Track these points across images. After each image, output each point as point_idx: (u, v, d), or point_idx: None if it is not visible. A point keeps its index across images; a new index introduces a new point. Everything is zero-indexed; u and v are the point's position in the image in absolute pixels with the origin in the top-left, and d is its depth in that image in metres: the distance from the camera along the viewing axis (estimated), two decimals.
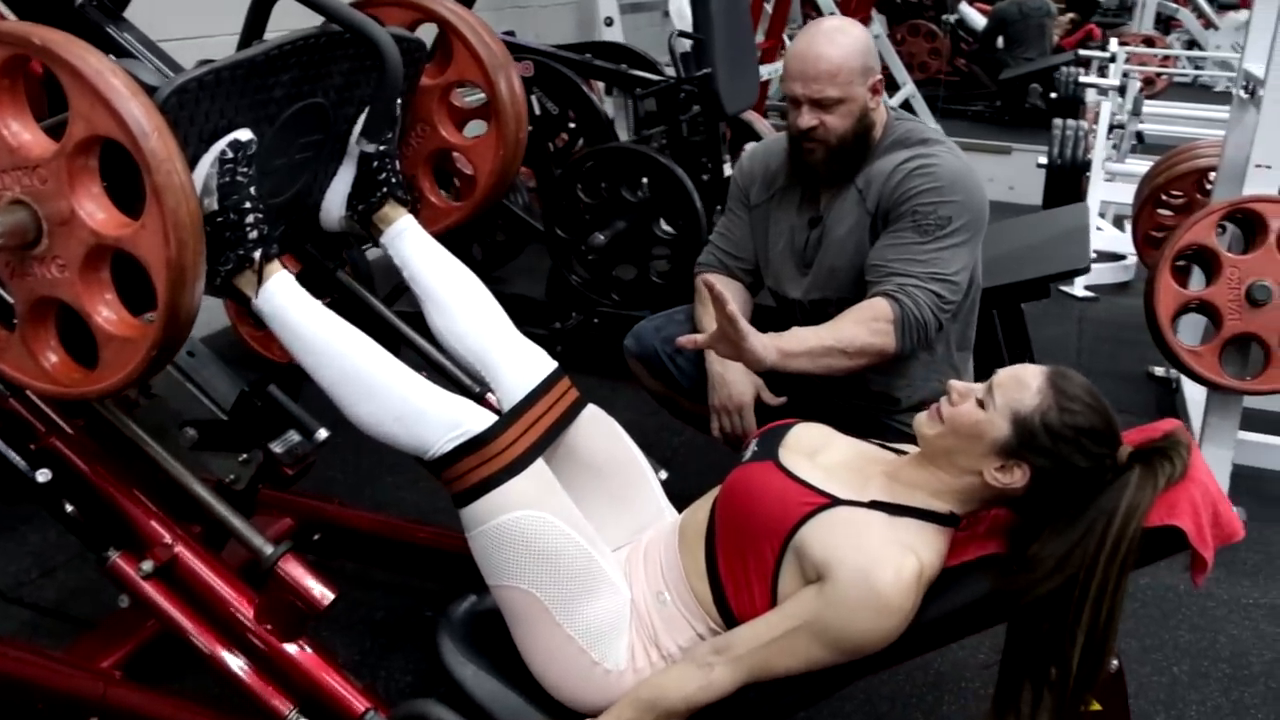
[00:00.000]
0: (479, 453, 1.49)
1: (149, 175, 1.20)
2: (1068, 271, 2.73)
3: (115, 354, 1.32)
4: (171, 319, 1.27)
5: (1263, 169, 2.63)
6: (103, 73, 1.19)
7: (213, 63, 1.43)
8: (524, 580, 1.48)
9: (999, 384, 1.42)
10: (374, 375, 1.52)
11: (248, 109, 1.51)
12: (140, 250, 1.25)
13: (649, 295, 3.10)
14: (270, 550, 1.51)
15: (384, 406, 1.51)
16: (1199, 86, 9.30)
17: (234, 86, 1.46)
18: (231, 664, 1.54)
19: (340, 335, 1.53)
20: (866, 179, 2.02)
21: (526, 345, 1.74)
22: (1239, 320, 2.52)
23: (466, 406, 1.54)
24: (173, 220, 1.21)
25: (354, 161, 1.76)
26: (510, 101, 1.84)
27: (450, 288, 1.74)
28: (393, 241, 1.77)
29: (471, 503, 1.50)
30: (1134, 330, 4.04)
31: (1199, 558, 1.35)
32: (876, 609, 1.36)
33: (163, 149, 1.20)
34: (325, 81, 1.65)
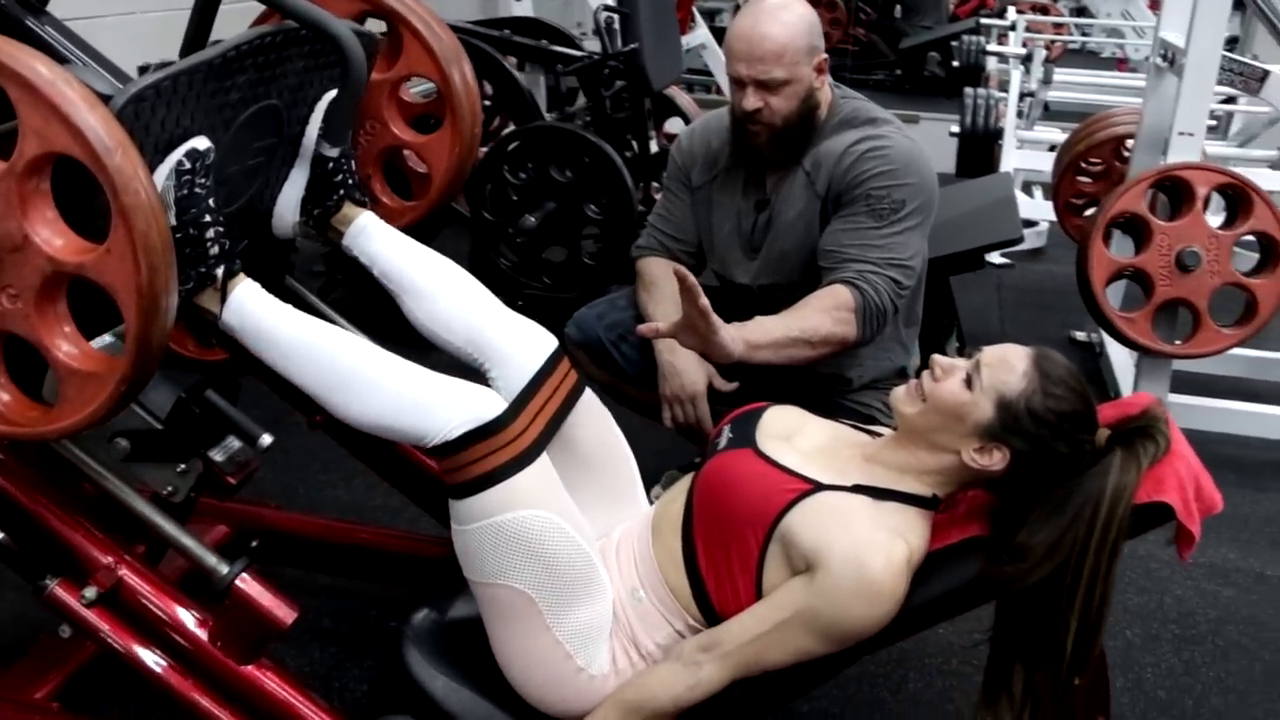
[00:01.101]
0: (488, 441, 1.39)
1: (115, 196, 1.09)
2: (1001, 242, 2.74)
3: (78, 390, 1.20)
4: (143, 350, 1.16)
5: (1186, 136, 2.68)
6: (56, 83, 1.08)
7: (168, 67, 1.32)
8: (520, 580, 1.40)
9: (987, 363, 1.39)
10: (365, 370, 1.42)
11: (203, 115, 1.40)
12: (105, 277, 1.14)
13: (580, 277, 3.04)
14: (226, 569, 1.42)
15: (380, 400, 1.41)
16: (1087, 52, 9.55)
17: (190, 92, 1.36)
18: (188, 691, 1.44)
19: (320, 335, 1.43)
20: (814, 161, 1.98)
21: (524, 322, 1.65)
22: (1169, 286, 2.58)
23: (473, 390, 1.44)
24: (143, 243, 1.11)
25: (307, 164, 1.66)
26: (465, 95, 1.76)
27: (428, 275, 1.65)
28: (356, 240, 1.67)
29: (473, 495, 1.39)
30: (1051, 295, 4.14)
31: (1185, 532, 1.35)
32: (869, 596, 1.34)
33: (128, 166, 1.09)
34: (280, 82, 1.55)
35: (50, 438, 1.27)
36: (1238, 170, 2.74)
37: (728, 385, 2.01)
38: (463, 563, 1.44)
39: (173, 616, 1.45)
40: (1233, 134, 5.00)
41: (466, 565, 1.44)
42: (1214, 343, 2.59)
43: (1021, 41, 5.87)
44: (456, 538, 1.43)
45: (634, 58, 3.02)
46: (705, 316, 1.62)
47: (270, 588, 1.45)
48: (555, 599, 1.41)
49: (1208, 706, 1.97)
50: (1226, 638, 2.17)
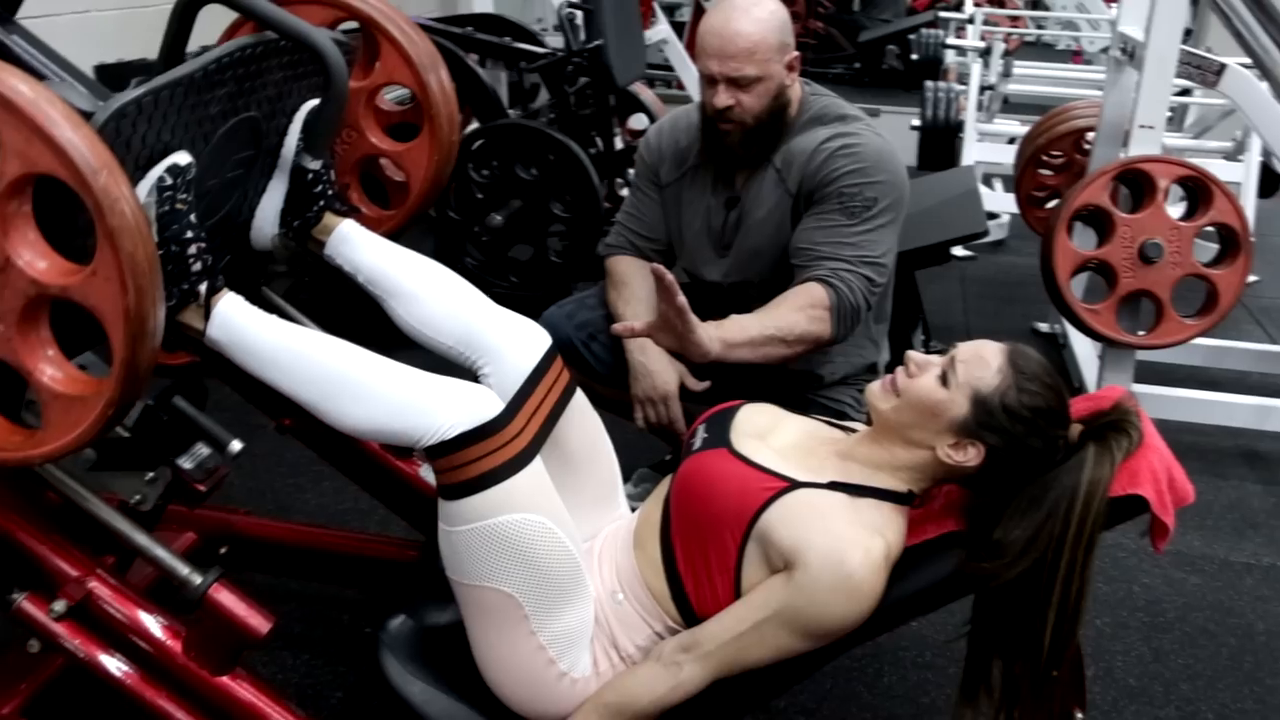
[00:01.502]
0: (485, 442, 1.36)
1: (101, 217, 1.06)
2: (967, 236, 2.76)
3: (63, 414, 1.17)
4: (130, 373, 1.13)
5: (1146, 129, 2.71)
6: (38, 102, 1.04)
7: (149, 81, 1.29)
8: (508, 584, 1.38)
9: (961, 360, 1.39)
10: (357, 375, 1.40)
11: (184, 129, 1.38)
12: (91, 299, 1.11)
13: (547, 275, 3.02)
14: (199, 579, 1.40)
15: (375, 404, 1.39)
16: (1042, 45, 9.64)
17: (171, 106, 1.33)
18: (161, 703, 1.42)
19: (309, 343, 1.41)
20: (785, 158, 1.98)
21: (517, 318, 1.63)
22: (1133, 278, 2.60)
23: (469, 389, 1.42)
24: (130, 265, 1.08)
25: (286, 175, 1.64)
26: (444, 102, 1.74)
27: (415, 277, 1.63)
28: (338, 249, 1.65)
29: (466, 497, 1.37)
30: (1013, 287, 4.18)
31: (1160, 524, 1.37)
32: (848, 593, 1.34)
33: (115, 187, 1.06)
34: (259, 94, 1.53)
35: (35, 463, 1.24)
36: (1195, 162, 2.78)
37: (700, 384, 2.00)
38: (448, 563, 1.42)
39: (144, 628, 1.42)
40: (1188, 125, 5.07)
41: (452, 566, 1.41)
42: (1177, 333, 2.63)
43: (980, 35, 5.91)
44: (444, 538, 1.41)
45: (599, 54, 3.01)
46: (682, 314, 1.62)
47: (244, 596, 1.43)
48: (541, 603, 1.40)
49: (1177, 693, 2.00)
50: (1194, 624, 2.20)
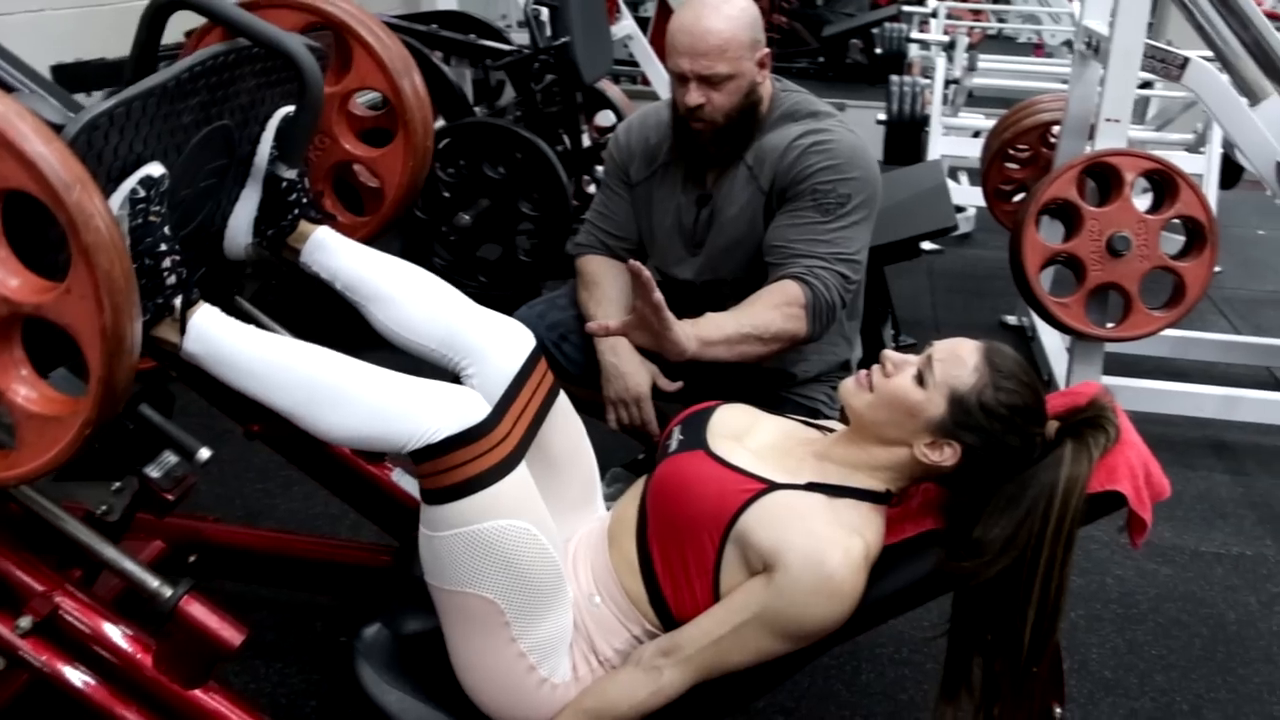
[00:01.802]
0: (471, 446, 1.34)
1: (76, 234, 1.03)
2: (937, 230, 2.76)
3: (38, 434, 1.14)
4: (108, 392, 1.10)
5: (1112, 123, 2.72)
6: (7, 115, 1.01)
7: (121, 92, 1.26)
8: (490, 590, 1.36)
9: (938, 359, 1.39)
10: (340, 382, 1.37)
11: (156, 139, 1.34)
12: (65, 318, 1.08)
13: (516, 275, 3.00)
14: (169, 592, 1.37)
15: (359, 411, 1.36)
16: (1003, 38, 9.71)
17: (144, 116, 1.30)
18: (133, 719, 1.39)
19: (289, 352, 1.38)
20: (756, 156, 1.97)
21: (500, 318, 1.61)
22: (1101, 271, 2.62)
23: (455, 391, 1.39)
24: (106, 283, 1.05)
25: (259, 183, 1.61)
26: (418, 107, 1.71)
27: (393, 280, 1.61)
28: (314, 256, 1.62)
29: (452, 501, 1.34)
30: (980, 280, 4.20)
31: (1138, 520, 1.37)
32: (829, 594, 1.33)
33: (89, 203, 1.03)
34: (231, 102, 1.50)
35: (7, 485, 1.20)
36: (1160, 154, 2.80)
37: (672, 385, 1.99)
38: (428, 568, 1.40)
39: (113, 644, 1.39)
40: (1150, 118, 5.11)
41: (433, 571, 1.39)
42: (1145, 325, 2.64)
43: (943, 29, 5.94)
44: (425, 542, 1.39)
45: (565, 51, 2.99)
46: (659, 312, 1.60)
47: (216, 608, 1.40)
48: (523, 610, 1.38)
49: (1152, 684, 2.01)
50: (1166, 615, 2.22)
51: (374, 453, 1.93)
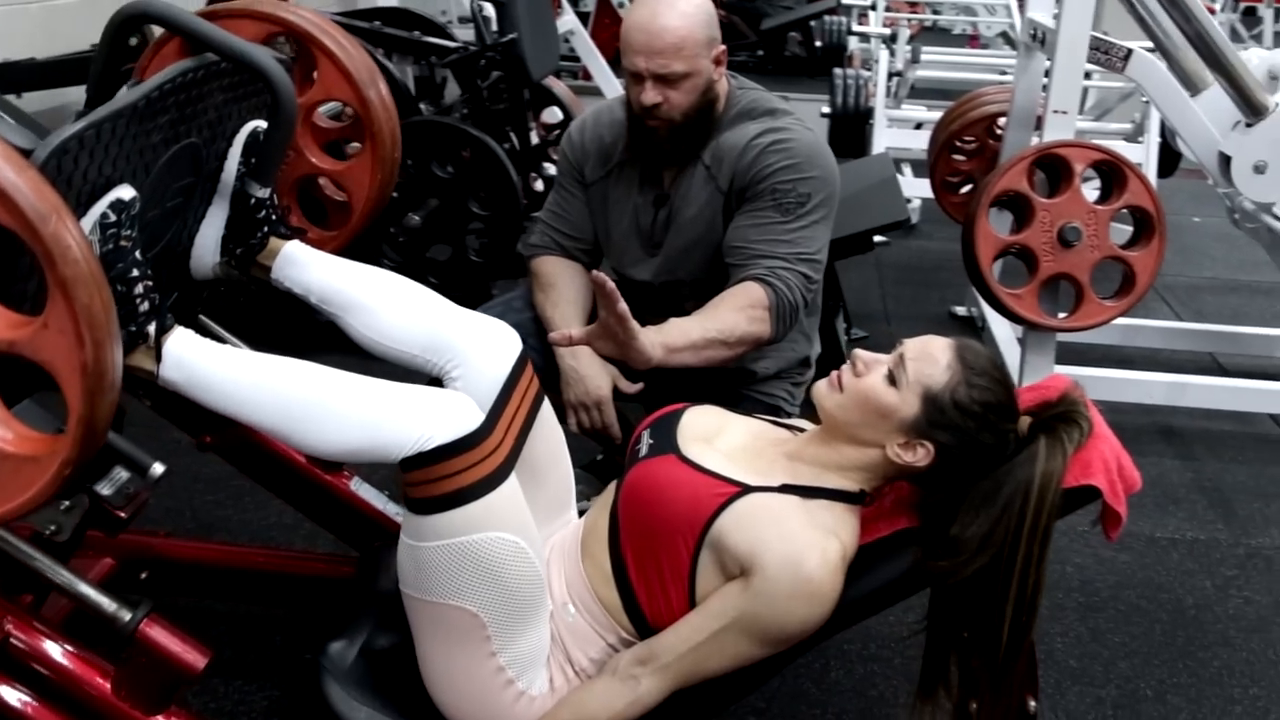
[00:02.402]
0: (464, 455, 1.30)
1: (53, 267, 0.98)
2: (889, 224, 2.77)
3: (13, 476, 1.08)
4: (89, 430, 1.04)
5: (1060, 114, 2.74)
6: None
7: (89, 115, 1.21)
8: (474, 603, 1.33)
9: (910, 358, 1.38)
10: (326, 397, 1.33)
11: (124, 160, 1.29)
12: (43, 354, 1.02)
13: (467, 275, 2.95)
14: (129, 615, 1.32)
15: (348, 425, 1.32)
16: (938, 30, 9.81)
17: (113, 138, 1.25)
18: None
19: (270, 371, 1.34)
20: (714, 155, 1.95)
21: (485, 319, 1.57)
22: (1053, 261, 2.63)
23: (446, 397, 1.35)
24: (86, 317, 0.99)
25: (226, 201, 1.55)
26: (385, 118, 1.67)
27: (369, 289, 1.57)
28: (286, 272, 1.58)
29: (442, 512, 1.30)
30: (928, 272, 4.24)
31: (1113, 513, 1.38)
32: (807, 597, 1.32)
33: (66, 234, 0.98)
34: (199, 119, 1.45)
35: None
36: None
37: (633, 387, 1.96)
38: (407, 578, 1.36)
39: (69, 671, 1.34)
40: (1089, 108, 5.18)
41: (413, 582, 1.36)
42: (1097, 315, 2.67)
43: (883, 21, 5.98)
44: (407, 552, 1.35)
45: (513, 47, 2.94)
46: (624, 322, 1.58)
47: (177, 631, 1.36)
48: (505, 624, 1.35)
49: (1116, 671, 2.03)
50: (1126, 602, 2.24)
51: (332, 462, 1.89)
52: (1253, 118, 2.74)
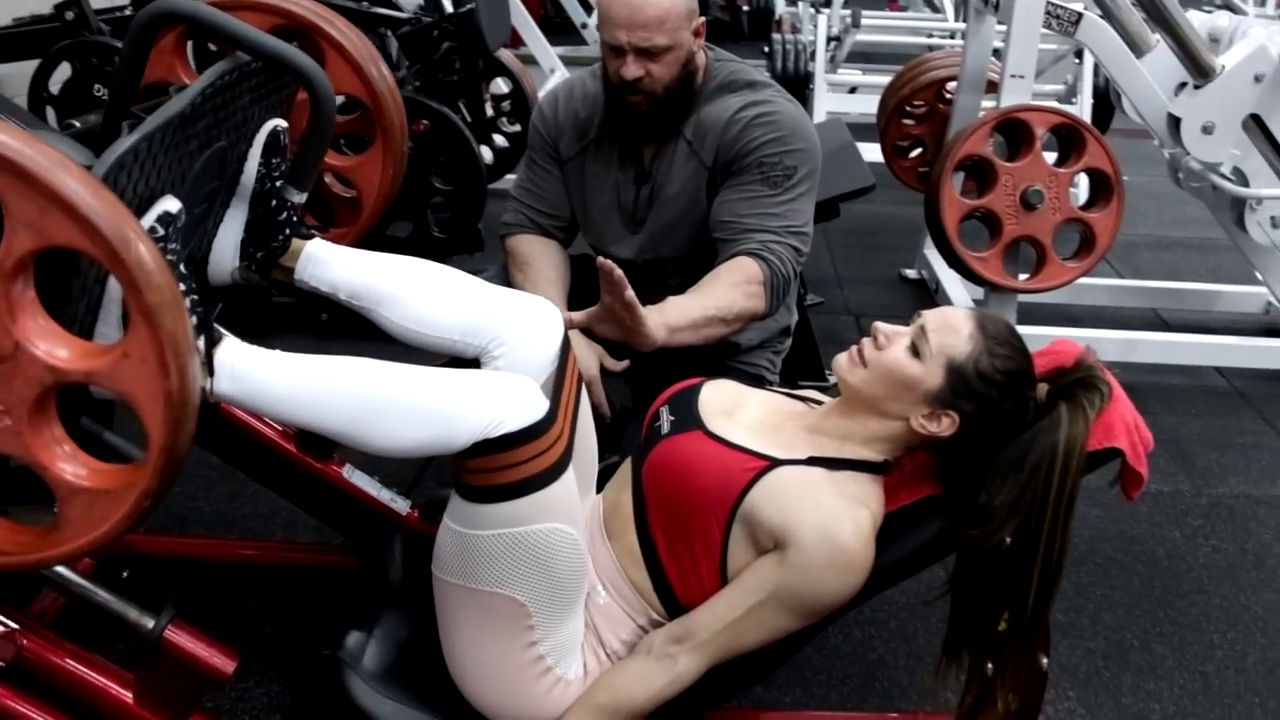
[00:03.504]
0: (533, 443, 1.26)
1: (137, 294, 0.92)
2: (857, 190, 2.78)
3: (85, 511, 1.02)
4: (170, 461, 0.99)
5: (1017, 79, 2.78)
6: (53, 167, 0.89)
7: (140, 124, 1.15)
8: (521, 592, 1.30)
9: (932, 329, 1.39)
10: (388, 390, 1.27)
11: (166, 170, 1.23)
12: (123, 384, 0.96)
13: (430, 251, 2.89)
14: (152, 622, 1.27)
15: (415, 415, 1.25)
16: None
17: (161, 148, 1.19)
18: None
19: (327, 371, 1.27)
20: (695, 129, 1.93)
21: (525, 296, 1.54)
22: (1016, 224, 2.68)
23: (513, 380, 1.30)
24: (171, 345, 0.94)
25: (245, 203, 1.49)
26: (395, 111, 1.61)
27: (399, 278, 1.51)
28: (310, 271, 1.52)
29: (503, 501, 1.26)
30: (875, 236, 4.27)
31: (1134, 474, 1.41)
32: (844, 567, 1.33)
33: (149, 259, 0.92)
34: (228, 122, 1.40)
35: (50, 564, 1.08)
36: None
37: (619, 365, 1.94)
38: (450, 564, 1.32)
39: (90, 683, 1.30)
40: None
41: (456, 568, 1.32)
42: (1060, 275, 2.73)
43: None
44: (453, 538, 1.31)
45: (470, 18, 2.88)
46: (631, 309, 1.56)
47: (201, 634, 1.31)
48: (550, 612, 1.33)
49: (1102, 624, 2.09)
50: (1104, 555, 2.30)
51: (324, 449, 1.84)
52: (1200, 79, 2.82)
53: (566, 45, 5.93)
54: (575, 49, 6.24)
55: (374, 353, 1.34)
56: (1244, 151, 2.90)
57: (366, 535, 1.85)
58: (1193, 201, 3.68)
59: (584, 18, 6.74)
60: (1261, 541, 2.39)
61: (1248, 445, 2.82)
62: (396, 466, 2.29)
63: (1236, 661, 2.01)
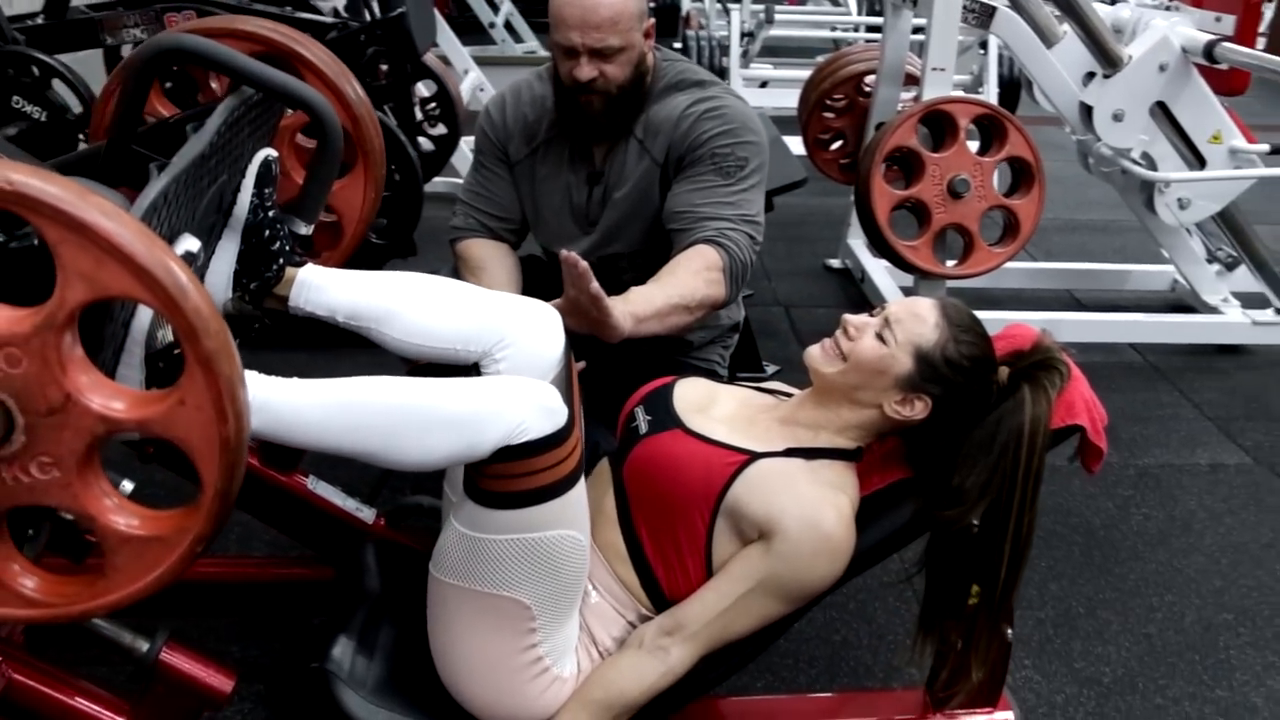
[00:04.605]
0: (555, 450, 1.26)
1: (196, 342, 0.91)
2: (789, 185, 2.84)
3: (134, 558, 1.00)
4: (225, 505, 0.98)
5: (939, 72, 2.87)
6: (107, 220, 0.87)
7: (167, 165, 1.14)
8: (528, 595, 1.31)
9: (897, 319, 1.44)
10: (417, 405, 1.26)
11: (184, 209, 1.22)
12: (178, 431, 0.95)
13: (370, 258, 2.87)
14: (147, 645, 1.26)
15: (442, 427, 1.24)
16: None
17: (183, 188, 1.18)
18: None
19: (349, 393, 1.26)
20: (646, 127, 1.96)
21: (524, 300, 1.54)
22: (944, 213, 2.77)
23: (534, 386, 1.30)
24: (229, 391, 0.93)
25: (237, 235, 1.46)
26: (375, 135, 1.60)
27: (398, 292, 1.50)
28: (306, 298, 1.50)
29: (522, 508, 1.27)
30: (797, 227, 4.35)
31: (1095, 448, 1.48)
32: (829, 553, 1.37)
33: (205, 306, 0.91)
34: (230, 154, 1.38)
35: (98, 614, 1.05)
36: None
37: (576, 365, 1.97)
38: (453, 566, 1.33)
39: (82, 711, 1.27)
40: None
41: (461, 570, 1.32)
42: (988, 261, 2.82)
43: None
44: (460, 541, 1.31)
45: (401, 23, 2.86)
46: (598, 301, 1.58)
47: (197, 654, 1.30)
48: (554, 614, 1.35)
49: (1049, 593, 2.18)
50: (1044, 528, 2.38)
51: (288, 461, 1.82)
52: (1110, 69, 2.94)
53: (475, 45, 5.90)
54: (483, 49, 6.22)
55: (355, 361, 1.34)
56: (1151, 137, 3.04)
57: (335, 546, 1.84)
58: (1095, 185, 3.85)
59: (491, 17, 6.73)
60: (1187, 508, 2.52)
61: (1167, 417, 2.96)
62: (358, 476, 2.28)
63: (1175, 622, 2.12)
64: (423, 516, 1.81)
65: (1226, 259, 3.47)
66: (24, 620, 1.04)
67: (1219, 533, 2.42)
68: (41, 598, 1.03)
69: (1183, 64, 2.94)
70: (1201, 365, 3.29)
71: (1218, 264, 3.48)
